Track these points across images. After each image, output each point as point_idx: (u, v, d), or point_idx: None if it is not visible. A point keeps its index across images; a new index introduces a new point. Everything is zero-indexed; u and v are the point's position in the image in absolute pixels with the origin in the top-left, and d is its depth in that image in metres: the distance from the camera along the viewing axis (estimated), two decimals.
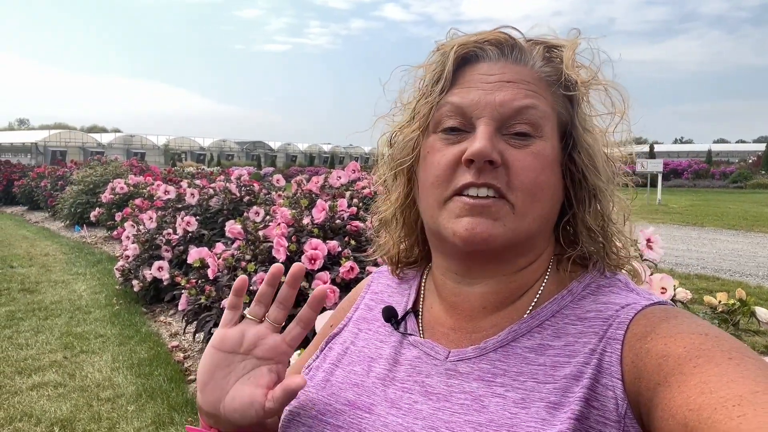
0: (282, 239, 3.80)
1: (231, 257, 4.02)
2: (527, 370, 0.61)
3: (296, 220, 4.13)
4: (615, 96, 0.67)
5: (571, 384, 0.58)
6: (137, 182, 9.91)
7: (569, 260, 0.68)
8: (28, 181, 15.87)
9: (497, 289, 0.67)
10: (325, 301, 0.70)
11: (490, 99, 0.63)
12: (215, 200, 6.37)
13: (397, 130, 0.72)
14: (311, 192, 5.27)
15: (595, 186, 0.66)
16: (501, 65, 0.66)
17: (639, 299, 0.62)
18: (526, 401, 0.58)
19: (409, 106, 0.70)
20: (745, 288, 5.60)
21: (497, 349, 0.64)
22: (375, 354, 0.72)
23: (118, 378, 3.85)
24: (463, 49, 0.66)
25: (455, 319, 0.69)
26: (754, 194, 22.04)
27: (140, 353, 4.33)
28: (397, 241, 0.78)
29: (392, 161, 0.72)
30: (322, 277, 3.64)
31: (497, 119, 0.63)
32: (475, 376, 0.63)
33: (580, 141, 0.66)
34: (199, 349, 4.38)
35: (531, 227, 0.64)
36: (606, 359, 0.57)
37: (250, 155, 49.60)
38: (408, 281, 0.80)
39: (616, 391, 0.55)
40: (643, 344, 0.55)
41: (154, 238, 5.89)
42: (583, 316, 0.63)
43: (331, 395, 0.69)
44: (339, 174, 5.63)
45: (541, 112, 0.64)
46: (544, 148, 0.63)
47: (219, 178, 7.73)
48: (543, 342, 0.62)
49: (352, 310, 0.82)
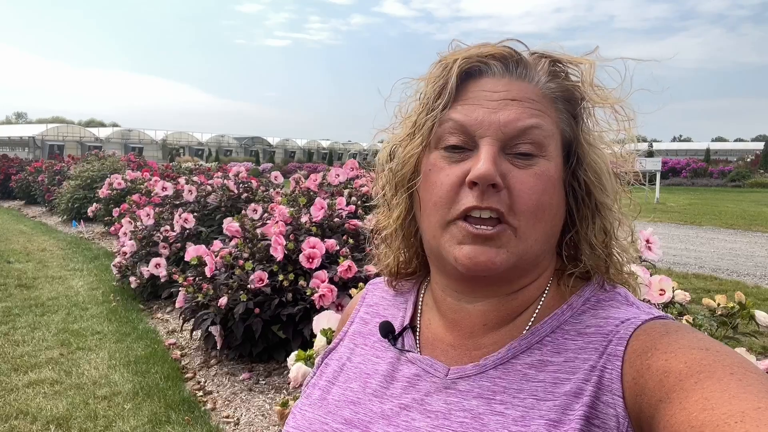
0: (280, 237, 3.78)
1: (229, 255, 4.01)
2: (527, 387, 0.60)
3: (294, 218, 4.12)
4: (620, 112, 0.66)
5: (572, 401, 0.57)
6: (135, 178, 9.89)
7: (571, 276, 0.67)
8: (26, 176, 15.82)
9: (498, 307, 0.66)
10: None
11: (494, 118, 0.62)
12: (213, 197, 6.36)
13: (397, 143, 0.70)
14: (309, 190, 5.26)
15: (601, 203, 0.65)
16: (505, 82, 0.64)
17: (639, 313, 0.61)
18: (526, 419, 0.57)
19: (410, 120, 0.69)
20: (742, 288, 5.60)
21: (497, 366, 0.63)
22: (371, 370, 0.71)
23: (115, 376, 3.84)
24: (466, 63, 0.65)
25: (455, 336, 0.68)
26: (753, 193, 22.08)
27: (137, 350, 4.32)
28: (396, 253, 0.77)
29: (393, 176, 0.71)
30: (320, 276, 3.63)
31: (501, 139, 0.62)
32: (474, 394, 0.62)
33: (585, 158, 0.65)
34: (196, 347, 4.37)
35: (534, 249, 0.63)
36: (606, 376, 0.57)
37: (248, 151, 49.50)
38: (404, 294, 0.79)
39: (617, 409, 0.55)
40: (644, 360, 0.55)
41: (151, 235, 5.88)
42: (583, 331, 0.62)
43: (328, 414, 0.69)
44: (338, 172, 5.62)
45: (546, 131, 0.63)
46: (548, 168, 0.63)
47: (217, 175, 7.72)
48: (543, 358, 0.62)
49: (348, 323, 0.81)
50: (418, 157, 0.67)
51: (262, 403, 3.39)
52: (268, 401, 3.41)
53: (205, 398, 3.51)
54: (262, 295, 3.72)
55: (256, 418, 3.24)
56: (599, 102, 0.65)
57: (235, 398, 3.48)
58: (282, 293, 3.73)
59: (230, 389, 3.60)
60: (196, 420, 3.19)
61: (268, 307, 3.70)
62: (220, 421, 3.22)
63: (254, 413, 3.29)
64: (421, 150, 0.67)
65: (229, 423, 3.20)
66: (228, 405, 3.40)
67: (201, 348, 4.30)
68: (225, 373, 3.83)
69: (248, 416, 3.26)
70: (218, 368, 3.93)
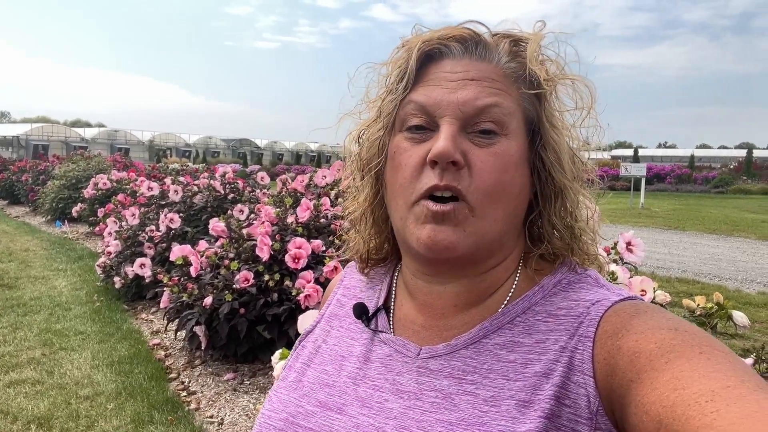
0: (266, 238, 3.78)
1: (214, 255, 3.99)
2: (498, 367, 0.61)
3: (281, 219, 4.11)
4: (582, 91, 0.66)
5: (542, 381, 0.58)
6: (120, 178, 9.80)
7: (535, 257, 0.68)
8: (9, 175, 15.63)
9: (468, 288, 0.67)
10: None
11: (452, 98, 0.62)
12: (199, 197, 6.33)
13: (364, 128, 0.71)
14: (296, 191, 5.25)
15: (560, 183, 0.65)
16: (465, 62, 0.65)
17: (609, 295, 0.62)
18: (497, 399, 0.58)
19: (375, 104, 0.69)
20: (723, 292, 5.67)
21: (468, 346, 0.63)
22: (346, 352, 0.71)
23: (98, 376, 3.81)
24: (426, 45, 0.65)
25: (426, 317, 0.69)
26: (735, 199, 22.37)
27: (121, 351, 4.29)
28: (366, 239, 0.76)
29: (360, 160, 0.72)
30: (306, 276, 3.63)
31: (460, 118, 0.62)
32: (445, 374, 0.62)
33: (546, 137, 0.65)
34: (181, 347, 4.34)
35: (493, 228, 0.63)
36: (577, 357, 0.57)
37: (236, 153, 49.26)
38: (379, 276, 0.79)
39: (588, 389, 0.55)
40: (615, 341, 0.55)
41: (136, 235, 5.84)
42: (554, 313, 0.63)
43: (303, 396, 0.69)
44: (324, 173, 5.62)
45: (506, 109, 0.63)
46: (508, 146, 0.63)
47: (203, 175, 7.68)
48: (514, 339, 0.62)
49: (326, 306, 0.81)
50: (383, 140, 0.67)
51: (246, 404, 3.38)
52: (253, 401, 3.40)
53: (189, 398, 3.49)
54: (248, 295, 3.71)
55: (240, 418, 3.23)
56: (548, 79, 0.64)
57: (220, 398, 3.46)
58: (267, 293, 3.73)
59: (214, 389, 3.58)
60: (179, 420, 3.17)
61: (254, 307, 3.69)
62: (203, 421, 3.20)
63: (238, 413, 3.28)
64: (385, 133, 0.67)
65: (213, 423, 3.18)
66: (212, 405, 3.39)
67: (185, 348, 4.27)
68: (209, 374, 3.81)
69: (232, 416, 3.25)
70: (202, 368, 3.91)
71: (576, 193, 0.67)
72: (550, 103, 0.66)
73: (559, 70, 0.66)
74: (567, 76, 0.66)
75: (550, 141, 0.65)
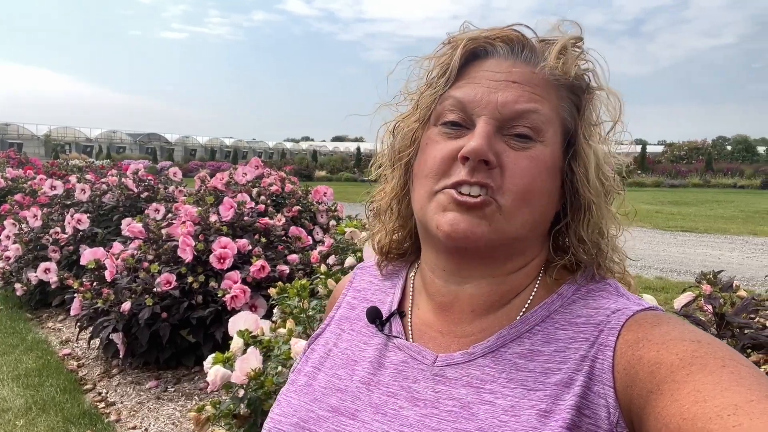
0: (188, 238, 3.65)
1: (131, 257, 3.80)
2: (517, 376, 0.59)
3: (203, 218, 3.98)
4: (612, 103, 0.66)
5: (562, 391, 0.56)
6: (16, 176, 9.05)
7: (556, 267, 0.67)
8: None
9: (486, 291, 0.65)
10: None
11: (492, 98, 0.62)
12: (109, 196, 5.97)
13: (401, 120, 0.70)
14: (216, 189, 5.10)
15: (587, 198, 0.65)
16: (509, 64, 0.64)
17: (629, 304, 0.61)
18: (516, 409, 0.57)
19: (413, 97, 0.69)
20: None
21: (486, 355, 0.62)
22: (358, 356, 0.69)
23: (3, 391, 3.51)
24: (472, 43, 0.65)
25: (443, 322, 0.67)
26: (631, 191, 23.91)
27: (27, 363, 3.98)
28: (390, 231, 0.75)
29: (392, 151, 0.71)
30: (232, 276, 3.54)
31: (498, 119, 0.61)
32: (463, 383, 0.61)
33: (579, 151, 0.65)
34: (95, 356, 4.09)
35: (518, 231, 0.62)
36: (597, 366, 0.56)
37: (144, 148, 46.84)
38: (392, 279, 0.78)
39: (608, 399, 0.54)
40: (635, 351, 0.54)
41: (39, 238, 5.42)
42: (573, 321, 0.62)
43: (314, 401, 0.67)
44: (244, 170, 5.49)
45: (544, 116, 0.62)
46: (543, 153, 0.62)
47: (111, 173, 7.25)
48: (533, 348, 0.61)
49: (335, 308, 0.79)
50: (416, 132, 0.67)
51: (172, 412, 3.25)
52: (179, 408, 3.27)
53: (108, 410, 3.30)
54: (170, 299, 3.56)
55: (167, 427, 3.10)
56: (590, 90, 0.65)
57: (142, 408, 3.30)
58: (191, 296, 3.60)
59: (136, 399, 3.41)
60: None
61: (177, 311, 3.55)
62: None
63: (164, 422, 3.14)
64: (420, 125, 0.66)
65: None
66: (134, 415, 3.22)
67: (100, 357, 4.03)
68: (129, 383, 3.62)
69: (157, 425, 3.11)
70: (121, 377, 3.71)
71: (603, 209, 0.67)
72: (587, 116, 0.66)
73: (595, 82, 0.66)
74: (602, 87, 0.66)
75: (582, 155, 0.64)
